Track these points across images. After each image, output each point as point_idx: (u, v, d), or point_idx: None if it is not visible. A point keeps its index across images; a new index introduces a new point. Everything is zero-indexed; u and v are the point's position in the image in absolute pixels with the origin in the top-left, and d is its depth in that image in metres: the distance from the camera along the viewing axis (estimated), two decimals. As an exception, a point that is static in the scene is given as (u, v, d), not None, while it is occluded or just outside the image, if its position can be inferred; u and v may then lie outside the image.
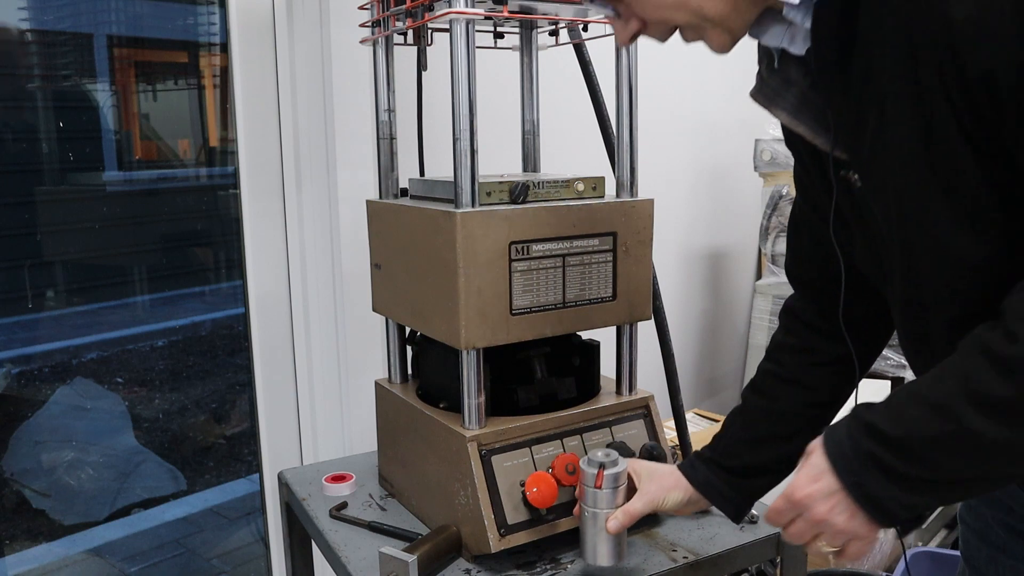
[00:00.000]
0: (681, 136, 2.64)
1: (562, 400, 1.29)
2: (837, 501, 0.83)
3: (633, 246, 1.29)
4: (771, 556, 1.27)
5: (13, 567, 1.92)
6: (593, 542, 1.12)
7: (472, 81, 1.12)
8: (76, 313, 2.03)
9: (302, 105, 1.79)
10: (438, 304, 1.21)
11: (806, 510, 0.86)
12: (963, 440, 0.73)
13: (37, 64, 1.89)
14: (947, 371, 0.76)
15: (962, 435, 0.73)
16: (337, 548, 1.26)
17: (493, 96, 1.61)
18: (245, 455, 2.31)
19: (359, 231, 1.59)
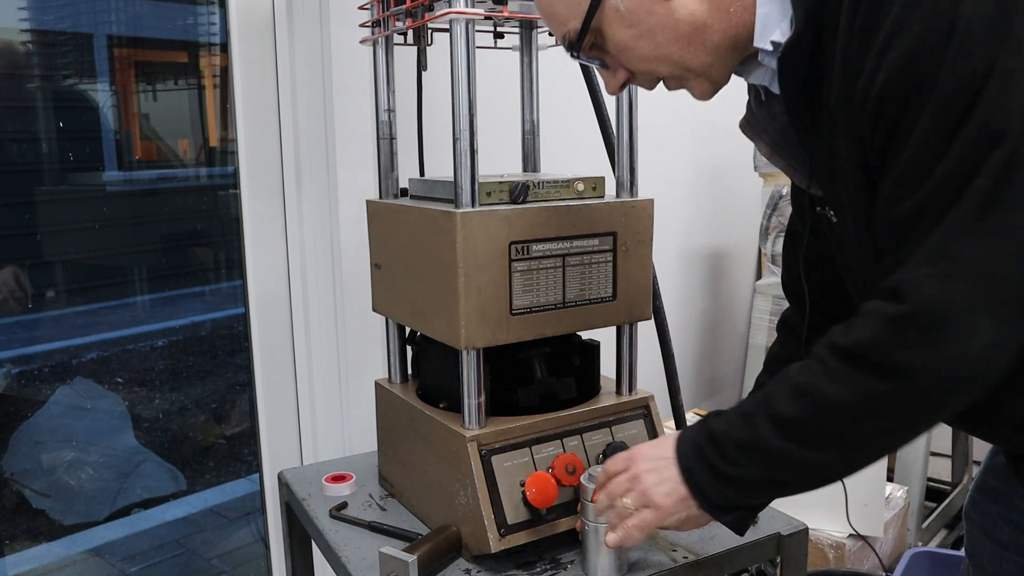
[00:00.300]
0: (681, 136, 2.64)
1: (562, 400, 1.29)
2: (663, 468, 0.97)
3: (633, 246, 1.29)
4: (771, 556, 1.27)
5: (13, 567, 1.92)
6: (595, 557, 1.13)
7: (472, 81, 1.12)
8: (76, 313, 2.03)
9: (302, 105, 1.79)
10: (438, 304, 1.21)
11: (634, 464, 1.00)
12: (757, 447, 0.87)
13: (37, 64, 1.89)
14: (764, 390, 0.89)
15: (757, 443, 0.87)
16: (337, 548, 1.26)
17: (493, 96, 1.61)
18: (245, 455, 2.31)
19: (359, 231, 1.59)
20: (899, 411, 0.79)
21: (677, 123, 2.56)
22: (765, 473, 0.89)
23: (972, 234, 0.72)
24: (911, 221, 0.76)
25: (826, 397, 0.81)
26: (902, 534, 2.40)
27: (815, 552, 2.14)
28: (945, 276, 0.73)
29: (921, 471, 2.57)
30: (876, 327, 0.78)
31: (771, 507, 1.31)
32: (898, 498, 2.36)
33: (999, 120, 0.70)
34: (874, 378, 0.78)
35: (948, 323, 0.74)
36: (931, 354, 0.75)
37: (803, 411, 0.84)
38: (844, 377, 0.80)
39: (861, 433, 0.82)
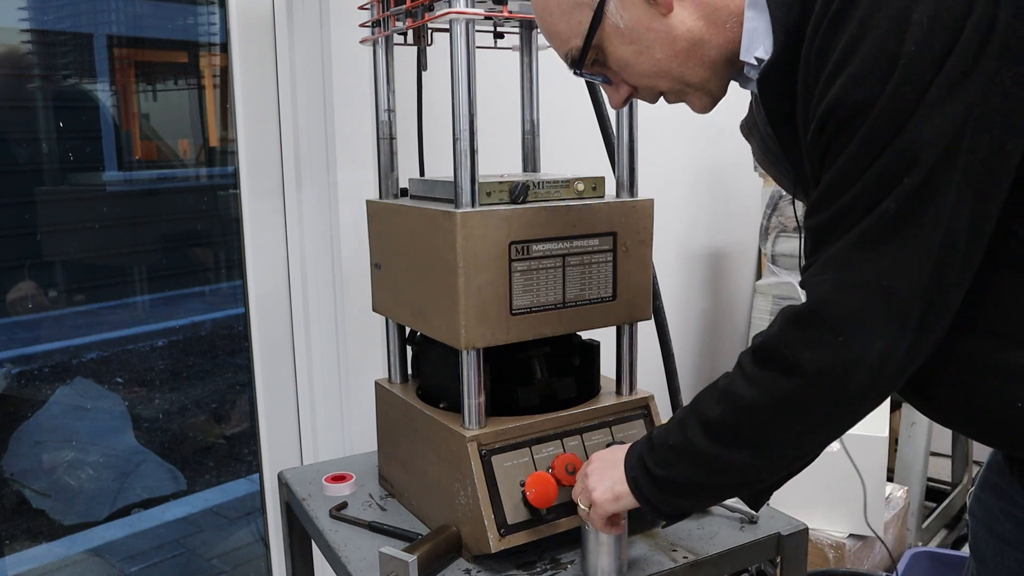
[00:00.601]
0: (681, 136, 2.64)
1: (562, 400, 1.29)
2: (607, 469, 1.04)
3: (633, 246, 1.29)
4: (771, 556, 1.27)
5: (13, 567, 1.92)
6: (595, 557, 1.13)
7: (472, 81, 1.12)
8: (76, 313, 2.03)
9: (302, 105, 1.79)
10: (438, 304, 1.21)
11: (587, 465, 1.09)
12: (687, 449, 0.92)
13: (37, 64, 1.89)
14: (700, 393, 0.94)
15: (686, 445, 0.92)
16: (337, 548, 1.26)
17: (493, 96, 1.61)
18: (245, 455, 2.31)
19: (359, 231, 1.59)
20: (804, 411, 0.85)
21: (677, 123, 2.56)
22: (695, 475, 0.95)
23: (874, 249, 0.77)
24: (824, 232, 0.81)
25: (741, 398, 0.88)
26: (902, 534, 2.40)
27: (815, 552, 2.15)
28: (844, 283, 0.79)
29: (921, 471, 2.57)
30: (781, 326, 0.84)
31: (771, 507, 1.31)
32: (898, 498, 2.37)
33: (914, 149, 0.75)
34: (778, 377, 0.84)
35: (844, 327, 0.79)
36: (828, 355, 0.80)
37: (724, 414, 0.89)
38: (756, 378, 0.87)
39: (774, 433, 0.88)
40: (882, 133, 0.76)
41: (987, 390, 0.85)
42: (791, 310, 0.84)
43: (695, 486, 0.96)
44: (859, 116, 0.77)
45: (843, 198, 0.79)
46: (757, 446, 0.89)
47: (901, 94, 0.74)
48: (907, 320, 0.78)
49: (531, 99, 1.54)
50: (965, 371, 0.86)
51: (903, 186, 0.75)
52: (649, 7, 0.92)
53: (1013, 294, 0.82)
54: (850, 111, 0.78)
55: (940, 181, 0.75)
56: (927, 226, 0.76)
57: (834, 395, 0.82)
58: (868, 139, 0.77)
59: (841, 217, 0.79)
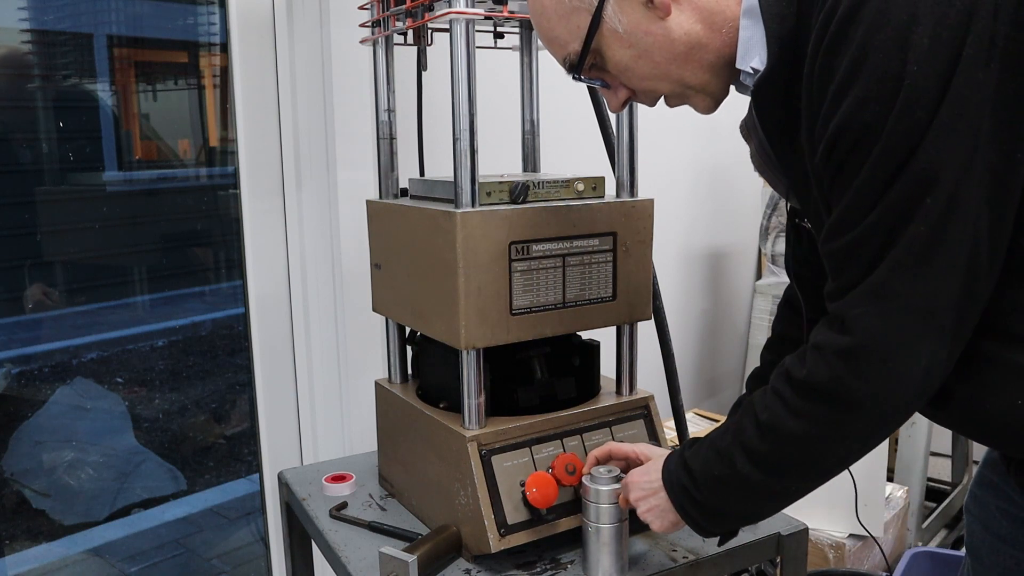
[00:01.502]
0: (681, 136, 2.64)
1: (562, 400, 1.29)
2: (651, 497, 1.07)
3: (633, 246, 1.29)
4: (771, 556, 1.27)
5: (13, 567, 1.92)
6: (595, 557, 1.13)
7: (472, 81, 1.12)
8: (76, 313, 2.03)
9: (302, 105, 1.79)
10: (438, 304, 1.21)
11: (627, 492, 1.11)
12: (737, 481, 0.94)
13: (37, 64, 1.89)
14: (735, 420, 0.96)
15: (736, 477, 0.94)
16: (337, 548, 1.26)
17: (493, 96, 1.61)
18: (245, 455, 2.31)
19: (359, 231, 1.59)
20: (857, 436, 0.87)
21: (677, 123, 2.56)
22: (746, 502, 0.98)
23: (913, 274, 0.79)
24: (846, 255, 0.83)
25: (791, 432, 0.89)
26: (902, 534, 2.40)
27: (815, 552, 2.14)
28: (889, 312, 0.80)
29: (921, 471, 2.57)
30: (829, 362, 0.84)
31: (771, 507, 1.31)
32: (898, 498, 2.36)
33: (932, 170, 0.76)
34: (833, 410, 0.85)
35: (894, 354, 0.81)
36: (878, 382, 0.82)
37: (773, 446, 0.91)
38: (804, 412, 0.87)
39: (826, 459, 0.90)
40: (896, 154, 0.77)
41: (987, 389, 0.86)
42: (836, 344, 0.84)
43: (743, 510, 1.00)
44: (868, 138, 0.78)
45: (865, 221, 0.80)
46: (808, 473, 0.92)
47: (910, 115, 0.75)
48: (945, 333, 0.80)
49: (531, 99, 1.54)
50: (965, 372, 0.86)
51: (927, 207, 0.76)
52: (647, 11, 0.92)
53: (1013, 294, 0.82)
54: (858, 133, 0.78)
55: (962, 198, 0.76)
56: (957, 243, 0.77)
57: (885, 418, 0.85)
58: (882, 161, 0.77)
59: (864, 240, 0.80)
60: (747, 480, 0.93)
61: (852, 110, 0.78)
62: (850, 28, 0.78)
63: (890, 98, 0.76)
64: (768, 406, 0.91)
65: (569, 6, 0.95)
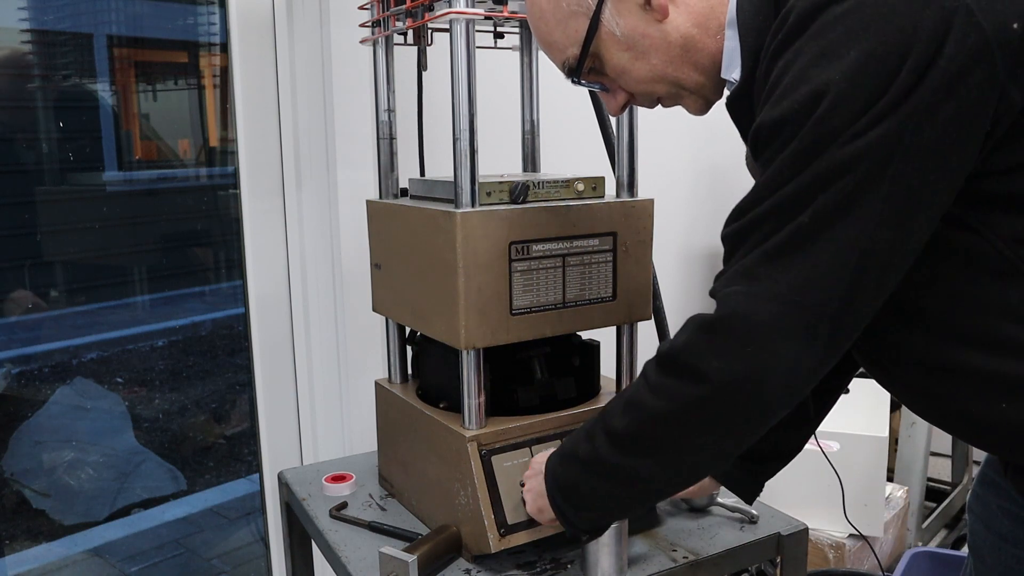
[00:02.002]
0: (681, 136, 2.64)
1: (562, 400, 1.29)
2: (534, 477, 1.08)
3: (633, 246, 1.29)
4: (771, 556, 1.27)
5: (13, 567, 1.92)
6: (595, 557, 1.13)
7: (472, 81, 1.12)
8: (76, 313, 2.03)
9: (302, 105, 1.79)
10: (438, 304, 1.21)
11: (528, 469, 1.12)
12: (595, 461, 0.92)
13: (37, 64, 1.89)
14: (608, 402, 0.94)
15: (594, 457, 0.92)
16: (337, 548, 1.26)
17: (493, 96, 1.61)
18: (245, 455, 2.31)
19: (359, 231, 1.59)
20: (710, 420, 0.84)
21: (677, 123, 2.55)
22: (602, 486, 0.94)
23: (785, 262, 0.77)
24: (736, 241, 0.82)
25: (646, 407, 0.87)
26: (902, 534, 2.40)
27: (815, 552, 2.15)
28: (754, 294, 0.79)
29: (921, 471, 2.57)
30: (689, 333, 0.84)
31: (771, 507, 1.32)
32: (898, 498, 2.37)
33: (833, 169, 0.75)
34: (685, 385, 0.83)
35: (753, 338, 0.78)
36: (735, 364, 0.80)
37: (631, 423, 0.89)
38: (659, 386, 0.86)
39: (680, 442, 0.87)
40: (805, 153, 0.76)
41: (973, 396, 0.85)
42: (700, 319, 0.84)
43: (603, 498, 0.96)
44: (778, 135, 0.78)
45: (758, 208, 0.80)
46: (663, 456, 0.89)
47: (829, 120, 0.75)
48: (815, 335, 0.78)
49: (531, 99, 1.54)
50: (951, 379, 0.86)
51: (817, 202, 0.75)
52: (644, 13, 0.93)
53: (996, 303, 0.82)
54: (770, 129, 0.79)
55: (859, 202, 0.75)
56: (840, 244, 0.76)
57: (740, 405, 0.82)
58: (791, 158, 0.77)
59: (755, 227, 0.80)
60: (603, 460, 0.91)
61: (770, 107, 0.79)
62: (793, 37, 0.79)
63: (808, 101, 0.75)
64: (634, 383, 0.91)
65: (567, 11, 0.96)
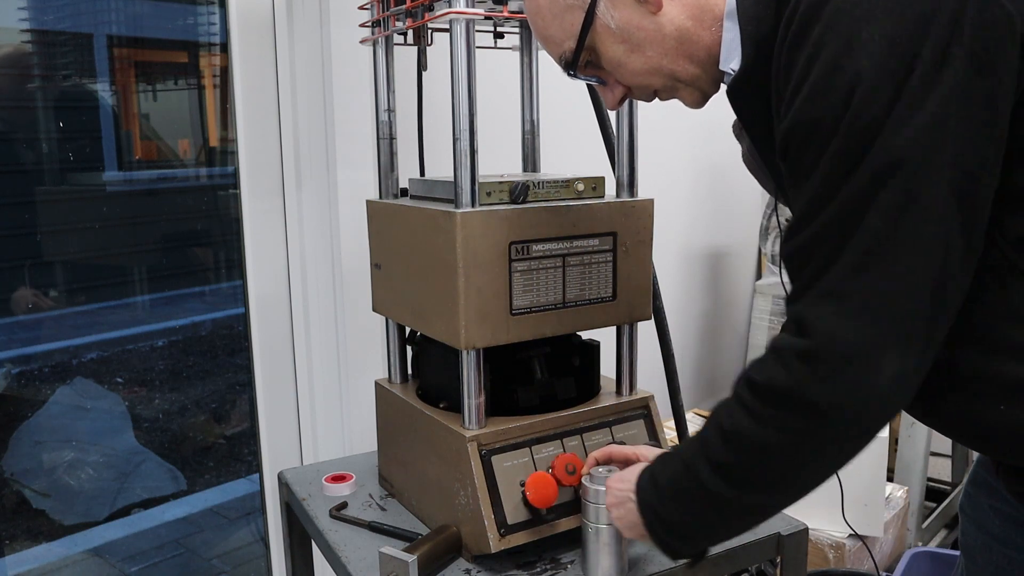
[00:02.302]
0: (681, 136, 2.64)
1: (562, 400, 1.29)
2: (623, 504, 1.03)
3: (633, 246, 1.29)
4: (771, 556, 1.27)
5: (13, 567, 1.92)
6: (595, 557, 1.13)
7: (472, 81, 1.12)
8: (76, 313, 2.03)
9: (302, 105, 1.79)
10: (438, 304, 1.21)
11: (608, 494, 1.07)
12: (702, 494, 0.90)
13: (37, 64, 1.89)
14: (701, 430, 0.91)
15: (701, 489, 0.90)
16: (337, 548, 1.26)
17: (493, 96, 1.61)
18: (245, 455, 2.31)
19: (359, 231, 1.59)
20: (821, 446, 0.83)
21: (677, 122, 2.56)
22: (713, 520, 0.93)
23: (869, 272, 0.75)
24: (804, 255, 0.80)
25: (753, 439, 0.85)
26: (902, 534, 2.40)
27: (815, 552, 2.14)
28: (846, 312, 0.77)
29: (921, 471, 2.57)
30: (788, 364, 0.81)
31: (771, 507, 1.31)
32: (898, 498, 2.36)
33: (888, 163, 0.74)
34: (792, 416, 0.81)
35: (854, 358, 0.77)
36: (841, 388, 0.78)
37: (739, 456, 0.87)
38: (768, 418, 0.83)
39: (791, 470, 0.86)
40: (851, 151, 0.75)
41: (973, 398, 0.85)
42: (793, 345, 0.80)
43: (711, 527, 0.95)
44: (817, 134, 0.77)
45: (819, 218, 0.78)
46: (774, 485, 0.88)
47: (865, 110, 0.74)
48: (913, 339, 0.77)
49: (531, 99, 1.54)
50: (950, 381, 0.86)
51: (880, 200, 0.74)
52: (639, 6, 0.94)
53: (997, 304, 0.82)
54: (807, 128, 0.78)
55: (923, 193, 0.73)
56: (920, 242, 0.74)
57: (850, 427, 0.80)
58: (837, 157, 0.76)
59: (820, 238, 0.78)
60: (713, 494, 0.89)
61: (801, 107, 0.78)
62: (809, 26, 0.78)
63: (841, 94, 0.75)
64: (731, 413, 0.87)
65: (563, 4, 0.96)
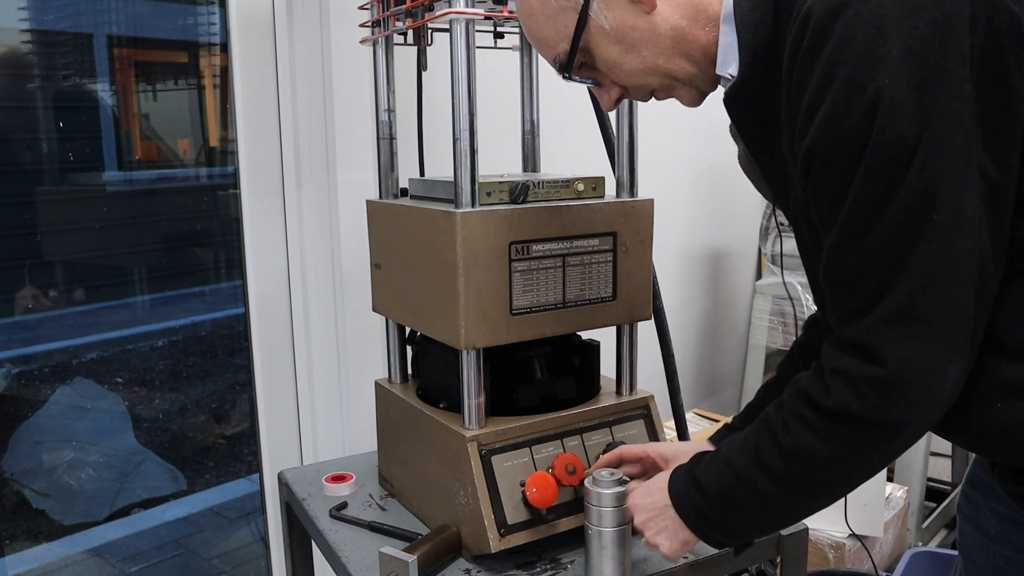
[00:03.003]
0: (681, 136, 2.64)
1: (562, 400, 1.29)
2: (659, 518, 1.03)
3: (633, 246, 1.29)
4: (771, 556, 1.27)
5: (13, 567, 1.92)
6: (598, 560, 1.13)
7: (472, 81, 1.12)
8: (76, 313, 2.03)
9: (302, 105, 1.79)
10: (438, 304, 1.21)
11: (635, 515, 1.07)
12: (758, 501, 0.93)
13: (37, 64, 1.89)
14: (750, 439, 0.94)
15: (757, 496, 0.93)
16: (337, 548, 1.26)
17: (493, 96, 1.61)
18: (245, 455, 2.31)
19: (359, 231, 1.59)
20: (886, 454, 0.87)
21: (677, 122, 2.56)
22: (764, 519, 0.98)
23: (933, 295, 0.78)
24: (854, 277, 0.82)
25: (820, 456, 0.87)
26: (902, 534, 2.40)
27: (815, 552, 2.14)
28: (918, 336, 0.79)
29: (921, 471, 2.57)
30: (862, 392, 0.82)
31: (771, 507, 1.31)
32: (898, 498, 2.37)
33: (932, 186, 0.75)
34: (863, 434, 0.84)
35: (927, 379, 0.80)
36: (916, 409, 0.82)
37: (799, 469, 0.90)
38: (834, 436, 0.86)
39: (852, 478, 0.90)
40: (887, 171, 0.76)
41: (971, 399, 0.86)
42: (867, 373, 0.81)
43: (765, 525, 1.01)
44: (842, 153, 0.78)
45: (867, 241, 0.79)
46: (834, 490, 0.92)
47: (892, 129, 0.75)
48: (966, 345, 0.81)
49: (531, 99, 1.54)
50: None
51: (935, 225, 0.76)
52: (632, 6, 0.93)
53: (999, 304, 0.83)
54: (831, 148, 0.79)
55: (966, 211, 0.76)
56: (967, 256, 0.77)
57: (917, 435, 0.85)
58: (873, 178, 0.77)
59: (872, 262, 0.79)
60: (767, 499, 0.92)
61: (823, 125, 0.78)
62: (820, 43, 0.78)
63: (864, 113, 0.75)
64: (792, 430, 0.89)
65: (556, 6, 0.96)
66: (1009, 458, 0.93)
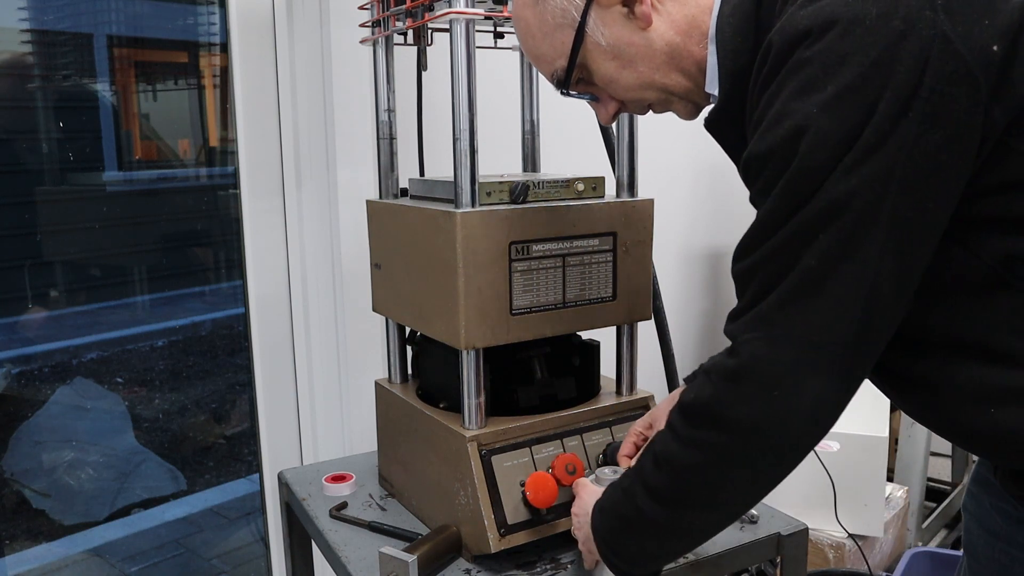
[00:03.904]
0: (681, 136, 2.64)
1: (562, 400, 1.29)
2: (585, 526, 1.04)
3: (633, 246, 1.29)
4: (771, 556, 1.27)
5: (13, 567, 1.92)
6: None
7: (472, 81, 1.12)
8: (76, 313, 2.03)
9: (302, 105, 1.79)
10: (438, 304, 1.21)
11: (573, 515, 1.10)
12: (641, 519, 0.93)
13: (37, 64, 1.89)
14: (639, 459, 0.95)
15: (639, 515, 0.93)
16: (337, 548, 1.26)
17: (493, 96, 1.61)
18: (245, 455, 2.31)
19: (359, 231, 1.59)
20: (744, 465, 0.86)
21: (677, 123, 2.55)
22: (653, 541, 0.96)
23: (800, 306, 0.79)
24: (745, 280, 0.84)
25: (681, 461, 0.88)
26: (902, 534, 2.40)
27: (815, 552, 2.15)
28: (775, 340, 0.81)
29: (921, 471, 2.57)
30: (714, 383, 0.85)
31: (771, 507, 1.32)
32: (898, 498, 2.37)
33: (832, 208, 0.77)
34: (715, 434, 0.85)
35: (778, 382, 0.81)
36: (763, 409, 0.82)
37: (668, 479, 0.90)
38: (691, 439, 0.87)
39: (721, 489, 0.88)
40: (799, 189, 0.78)
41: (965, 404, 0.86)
42: (720, 368, 0.84)
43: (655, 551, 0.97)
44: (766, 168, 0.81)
45: (762, 248, 0.82)
46: (707, 504, 0.90)
47: (812, 154, 0.77)
48: (836, 371, 0.80)
49: (531, 99, 1.54)
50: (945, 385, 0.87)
51: (820, 243, 0.78)
52: (628, 22, 0.95)
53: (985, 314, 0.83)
54: (758, 162, 0.82)
55: (861, 239, 0.77)
56: (850, 282, 0.78)
57: (772, 447, 0.84)
58: (785, 195, 0.79)
59: (761, 267, 0.82)
60: (648, 517, 0.92)
61: (757, 140, 0.81)
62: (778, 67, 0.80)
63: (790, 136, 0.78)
64: (663, 439, 0.91)
65: (552, 23, 0.97)
66: (1006, 461, 0.94)
